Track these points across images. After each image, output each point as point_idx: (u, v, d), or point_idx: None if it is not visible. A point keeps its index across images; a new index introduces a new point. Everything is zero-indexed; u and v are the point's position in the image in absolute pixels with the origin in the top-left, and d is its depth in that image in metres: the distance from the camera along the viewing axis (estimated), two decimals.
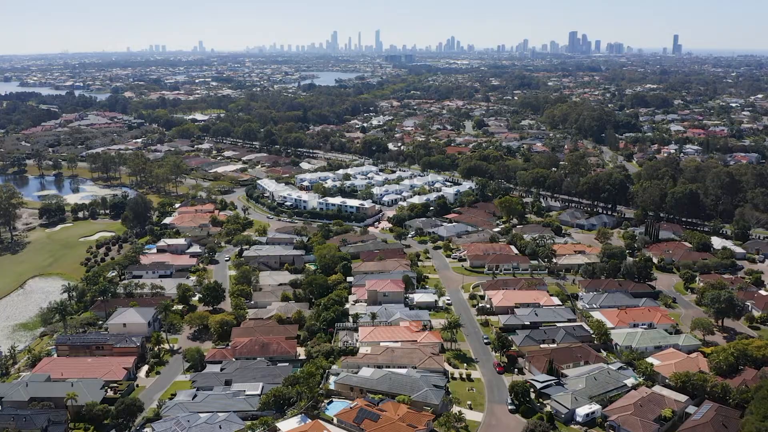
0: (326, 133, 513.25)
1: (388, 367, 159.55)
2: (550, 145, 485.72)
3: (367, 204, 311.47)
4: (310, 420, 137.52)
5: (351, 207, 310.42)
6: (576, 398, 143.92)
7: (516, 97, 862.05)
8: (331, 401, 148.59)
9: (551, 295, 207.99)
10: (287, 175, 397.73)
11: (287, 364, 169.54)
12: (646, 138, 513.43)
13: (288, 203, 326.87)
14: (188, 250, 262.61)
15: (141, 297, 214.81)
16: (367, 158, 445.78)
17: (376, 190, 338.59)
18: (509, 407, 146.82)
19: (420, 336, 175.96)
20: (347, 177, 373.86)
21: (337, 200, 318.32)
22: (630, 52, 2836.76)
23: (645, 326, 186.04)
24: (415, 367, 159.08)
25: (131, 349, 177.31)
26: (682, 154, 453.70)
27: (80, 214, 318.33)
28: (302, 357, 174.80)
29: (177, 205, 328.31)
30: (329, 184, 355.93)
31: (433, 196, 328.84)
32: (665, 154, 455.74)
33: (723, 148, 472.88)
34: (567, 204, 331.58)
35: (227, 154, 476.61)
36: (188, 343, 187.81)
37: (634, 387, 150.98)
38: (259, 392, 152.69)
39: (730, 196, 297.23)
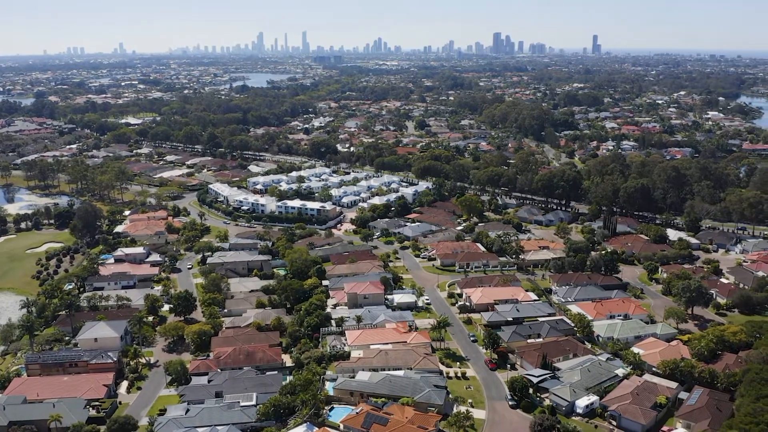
0: (271, 135, 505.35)
1: (383, 369, 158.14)
2: (495, 144, 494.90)
3: (328, 206, 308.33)
4: (316, 428, 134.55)
5: (311, 210, 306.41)
6: (574, 390, 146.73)
7: (451, 98, 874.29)
8: (332, 408, 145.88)
9: (526, 291, 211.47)
10: (237, 178, 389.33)
11: (276, 372, 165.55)
12: (584, 135, 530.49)
13: (245, 207, 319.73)
14: (148, 259, 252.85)
15: (106, 310, 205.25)
16: (317, 160, 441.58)
17: (334, 192, 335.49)
18: (510, 403, 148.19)
19: (409, 337, 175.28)
20: (301, 179, 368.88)
21: (297, 203, 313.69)
22: (552, 52, 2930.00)
23: (621, 317, 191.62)
24: (411, 368, 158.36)
25: (108, 365, 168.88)
26: (620, 150, 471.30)
27: (23, 225, 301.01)
28: (289, 364, 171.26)
29: (126, 213, 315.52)
30: (284, 186, 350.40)
31: (392, 196, 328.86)
32: (604, 151, 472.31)
33: (658, 143, 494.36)
34: (522, 201, 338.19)
35: (169, 158, 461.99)
36: (164, 356, 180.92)
37: (626, 377, 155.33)
38: (254, 402, 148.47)
39: (677, 189, 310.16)
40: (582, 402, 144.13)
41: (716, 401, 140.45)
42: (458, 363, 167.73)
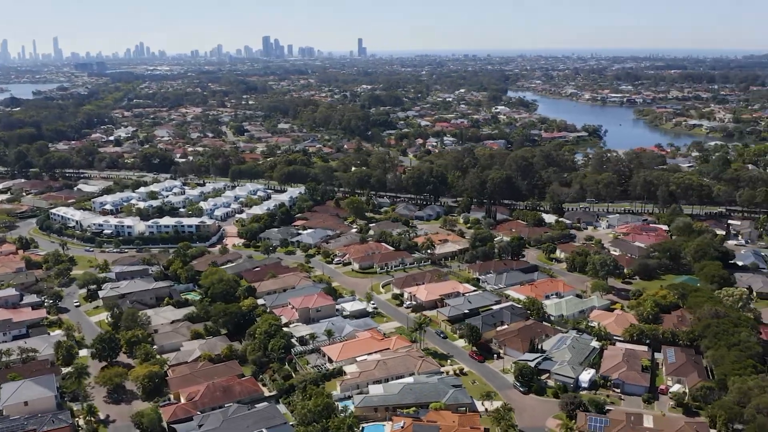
0: (91, 149, 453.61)
1: (387, 380, 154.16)
2: (334, 146, 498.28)
3: (209, 221, 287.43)
4: None
5: (189, 227, 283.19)
6: (573, 367, 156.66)
7: (251, 102, 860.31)
8: (363, 428, 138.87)
9: (462, 283, 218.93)
10: (73, 200, 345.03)
11: (266, 403, 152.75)
12: (408, 134, 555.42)
13: (107, 231, 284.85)
14: (23, 302, 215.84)
15: (8, 367, 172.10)
16: (157, 173, 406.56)
17: (203, 206, 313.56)
18: (521, 389, 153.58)
19: (390, 343, 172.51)
20: (153, 195, 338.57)
21: (171, 221, 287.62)
22: (321, 55, 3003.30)
23: (555, 296, 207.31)
24: (413, 373, 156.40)
25: (64, 430, 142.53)
26: (444, 146, 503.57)
27: None
28: (271, 393, 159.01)
29: None
30: (141, 205, 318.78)
31: (270, 204, 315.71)
32: (430, 147, 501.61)
33: (474, 137, 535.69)
34: (393, 199, 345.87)
35: None
36: (111, 408, 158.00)
37: (603, 348, 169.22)
38: None
39: (529, 176, 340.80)
40: (585, 377, 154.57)
41: (691, 356, 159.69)
42: (448, 360, 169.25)
